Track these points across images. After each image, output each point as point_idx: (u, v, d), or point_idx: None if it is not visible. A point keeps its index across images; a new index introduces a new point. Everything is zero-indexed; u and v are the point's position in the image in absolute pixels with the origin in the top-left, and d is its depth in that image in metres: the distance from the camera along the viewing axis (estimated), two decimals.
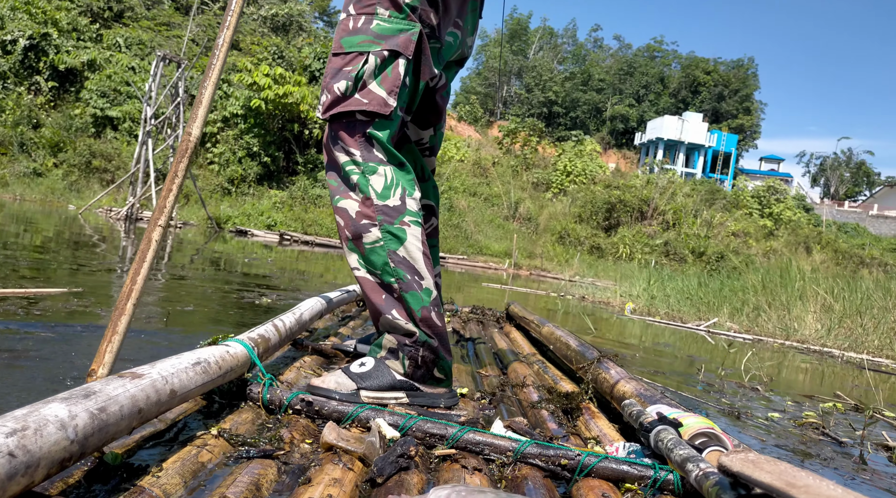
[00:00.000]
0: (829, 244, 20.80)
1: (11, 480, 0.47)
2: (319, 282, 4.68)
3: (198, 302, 2.64)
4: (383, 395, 1.01)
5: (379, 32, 1.02)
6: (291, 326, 1.29)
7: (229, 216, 13.41)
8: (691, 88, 36.14)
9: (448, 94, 1.27)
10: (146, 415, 0.67)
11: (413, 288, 1.01)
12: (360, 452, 0.77)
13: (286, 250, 9.23)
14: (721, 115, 35.21)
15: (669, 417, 0.89)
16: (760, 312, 5.17)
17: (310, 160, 16.96)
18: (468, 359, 1.73)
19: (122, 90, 17.43)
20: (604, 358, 1.33)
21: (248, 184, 16.35)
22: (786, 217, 22.27)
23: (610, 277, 11.88)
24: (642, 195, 19.46)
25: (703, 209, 20.03)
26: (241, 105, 16.22)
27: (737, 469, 0.62)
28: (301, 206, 14.95)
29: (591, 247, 17.38)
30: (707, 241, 17.84)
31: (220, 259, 5.82)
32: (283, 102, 15.52)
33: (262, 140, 16.45)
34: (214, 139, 16.92)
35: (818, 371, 3.23)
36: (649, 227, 18.61)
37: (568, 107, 34.81)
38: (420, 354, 1.01)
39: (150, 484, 0.61)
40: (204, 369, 0.81)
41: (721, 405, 1.86)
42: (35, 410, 0.53)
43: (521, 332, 2.35)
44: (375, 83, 1.01)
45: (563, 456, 0.81)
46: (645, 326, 4.68)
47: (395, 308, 1.02)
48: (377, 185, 1.02)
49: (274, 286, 3.79)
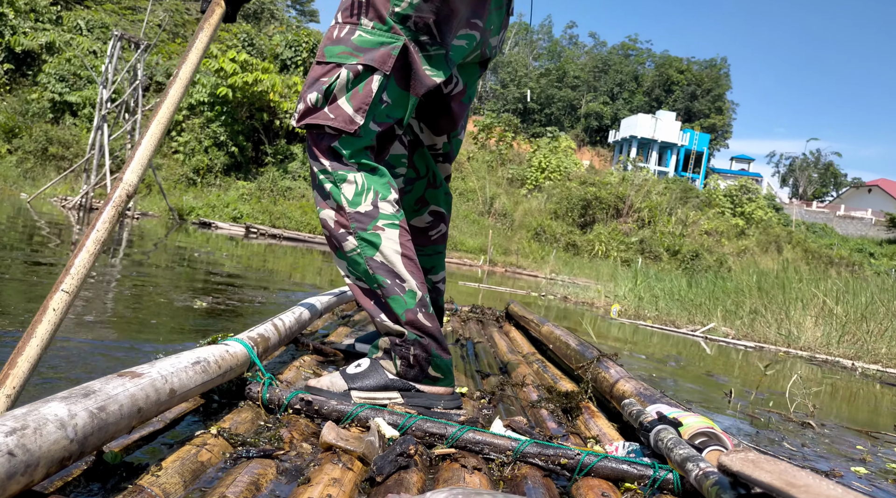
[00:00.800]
0: (800, 244, 21.22)
1: (11, 479, 0.47)
2: (286, 283, 4.20)
3: (120, 306, 2.20)
4: (375, 395, 1.01)
5: (358, 44, 0.99)
6: (291, 326, 1.28)
7: (192, 207, 12.94)
8: (665, 87, 36.52)
9: (469, 100, 1.23)
10: (146, 414, 0.66)
11: (395, 292, 0.99)
12: (359, 452, 0.77)
13: (252, 244, 8.86)
14: (694, 114, 35.69)
15: (669, 417, 0.90)
16: (758, 316, 4.88)
17: (279, 151, 16.52)
18: (468, 358, 1.73)
19: (83, 75, 16.69)
20: (603, 357, 1.34)
21: (215, 174, 15.87)
22: (757, 216, 22.53)
23: (586, 275, 11.74)
24: (618, 192, 19.45)
25: (677, 208, 20.16)
26: (208, 92, 15.62)
27: (737, 468, 0.63)
28: (269, 198, 14.60)
29: (566, 244, 17.31)
30: (682, 240, 18.02)
31: (176, 253, 5.32)
32: (251, 90, 15.08)
33: (229, 129, 15.96)
34: (179, 127, 16.26)
35: (847, 389, 2.88)
36: (625, 224, 18.67)
37: (543, 103, 34.93)
38: (411, 352, 1.00)
39: (149, 483, 0.61)
40: (203, 369, 0.79)
41: (788, 451, 1.47)
42: (34, 409, 0.53)
43: (520, 331, 2.36)
44: (345, 99, 0.99)
45: (562, 455, 0.82)
46: (634, 331, 4.42)
47: (383, 312, 1.02)
48: (348, 193, 1.01)
49: (221, 288, 3.22)
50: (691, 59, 37.35)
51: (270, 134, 16.61)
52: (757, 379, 2.62)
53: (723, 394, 2.19)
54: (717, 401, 2.07)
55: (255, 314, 2.49)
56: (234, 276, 4.05)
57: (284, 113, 15.90)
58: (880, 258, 24.01)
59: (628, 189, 19.66)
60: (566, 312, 5.48)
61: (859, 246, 25.85)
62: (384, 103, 1.01)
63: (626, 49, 39.50)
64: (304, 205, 14.74)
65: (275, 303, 2.95)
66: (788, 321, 4.64)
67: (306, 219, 13.91)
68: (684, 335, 4.49)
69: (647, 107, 35.47)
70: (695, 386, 2.35)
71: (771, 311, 4.91)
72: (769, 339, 4.48)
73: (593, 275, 11.79)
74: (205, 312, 2.33)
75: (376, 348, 1.07)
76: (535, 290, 8.00)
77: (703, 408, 1.89)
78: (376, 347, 1.07)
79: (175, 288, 2.95)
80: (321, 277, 5.28)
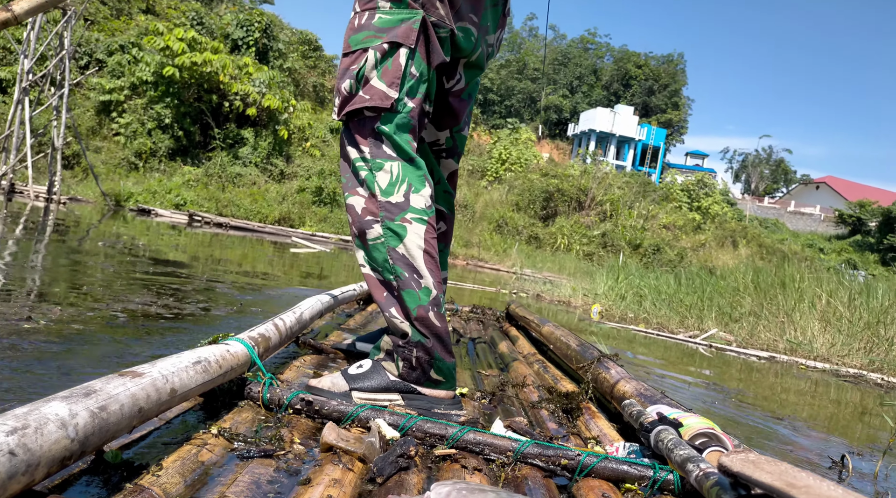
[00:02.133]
0: (755, 239, 21.15)
1: (12, 478, 0.47)
2: (237, 282, 3.42)
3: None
4: (376, 396, 1.01)
5: (380, 26, 1.02)
6: (291, 325, 1.28)
7: (131, 193, 11.98)
8: (623, 81, 36.40)
9: (469, 96, 1.25)
10: (147, 414, 0.66)
11: (410, 286, 1.00)
12: (359, 453, 0.77)
13: (195, 233, 8.03)
14: (651, 109, 35.65)
15: (670, 418, 0.90)
16: (758, 320, 4.42)
17: (229, 135, 15.31)
18: (468, 358, 1.74)
19: (13, 49, 15.24)
20: (604, 358, 1.34)
21: (159, 159, 14.51)
22: (714, 211, 22.53)
23: (549, 269, 11.27)
24: (580, 185, 19.09)
25: (637, 201, 19.95)
26: (152, 71, 14.22)
27: (737, 469, 0.63)
28: (217, 185, 13.50)
29: (529, 236, 16.85)
30: (643, 234, 17.78)
31: (107, 243, 4.53)
32: (199, 71, 13.82)
33: (175, 111, 14.51)
34: (121, 108, 14.78)
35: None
36: (587, 217, 18.33)
37: (503, 95, 34.76)
38: (414, 354, 0.99)
39: (150, 483, 0.61)
40: (204, 368, 0.80)
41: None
42: (35, 409, 0.53)
43: (521, 331, 2.36)
44: (376, 77, 1.01)
45: (563, 456, 0.81)
46: (631, 338, 3.96)
47: (394, 306, 1.02)
48: (382, 182, 1.02)
49: (160, 286, 2.62)
50: (649, 54, 37.30)
51: (220, 117, 15.36)
52: (846, 420, 1.96)
53: (831, 461, 1.53)
54: (815, 452, 1.56)
55: (202, 329, 1.90)
56: (174, 272, 3.44)
57: (234, 95, 14.61)
58: (829, 253, 24.39)
59: (590, 182, 19.34)
60: (541, 312, 4.78)
61: (810, 241, 26.28)
62: (413, 77, 1.03)
63: (586, 42, 39.41)
64: (254, 193, 13.79)
65: (227, 310, 2.37)
66: (793, 326, 4.23)
67: (256, 207, 13.00)
68: (681, 342, 4.06)
69: (606, 101, 35.39)
70: (756, 421, 1.86)
71: (770, 313, 4.47)
72: (775, 346, 4.11)
73: (556, 268, 11.44)
74: (45, 330, 1.53)
75: (378, 349, 1.07)
76: (502, 286, 7.26)
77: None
78: (378, 348, 1.07)
79: (103, 289, 2.33)
80: (273, 266, 4.93)
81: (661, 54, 38.03)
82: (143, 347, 1.56)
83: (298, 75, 19.08)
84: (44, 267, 2.96)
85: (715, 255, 18.23)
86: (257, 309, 2.56)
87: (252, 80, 14.65)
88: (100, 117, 14.95)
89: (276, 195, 13.97)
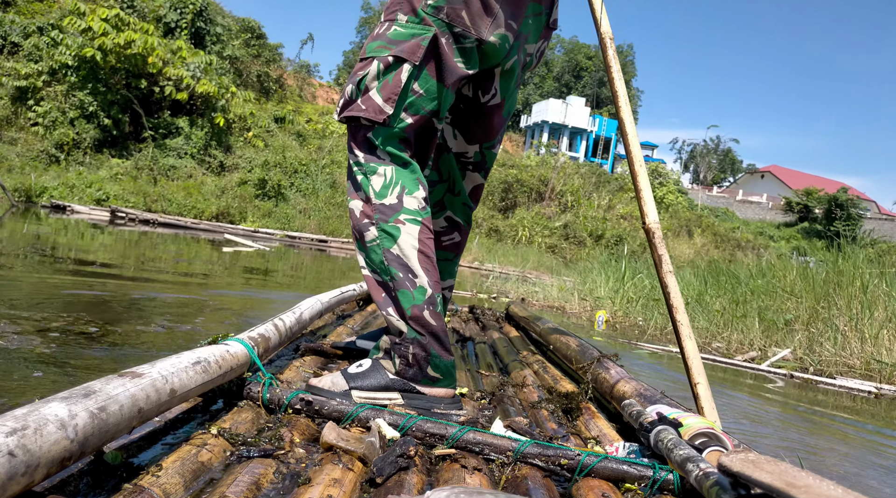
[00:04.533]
0: (709, 228, 21.14)
1: (11, 479, 0.47)
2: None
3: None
4: (375, 395, 1.01)
5: (392, 38, 1.03)
6: (291, 326, 1.28)
7: (45, 188, 10.86)
8: (574, 73, 36.63)
9: (508, 114, 1.24)
10: (146, 414, 0.66)
11: (405, 286, 1.01)
12: (359, 452, 0.77)
13: (116, 231, 7.10)
14: (602, 100, 35.90)
15: (669, 417, 0.90)
16: (815, 333, 3.36)
17: (162, 125, 13.92)
18: (468, 359, 1.74)
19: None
20: (604, 358, 1.35)
21: (83, 151, 13.18)
22: (668, 200, 22.52)
23: (511, 262, 10.64)
24: (539, 175, 18.69)
25: (594, 192, 19.74)
26: (73, 54, 12.90)
27: (737, 469, 0.63)
28: (148, 178, 12.53)
29: (489, 229, 16.32)
30: (605, 224, 17.51)
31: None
32: (125, 53, 12.66)
33: (100, 98, 13.18)
34: (39, 95, 13.35)
35: None
36: (547, 208, 17.92)
37: None
38: (410, 351, 1.00)
39: (149, 483, 0.61)
40: (204, 369, 0.80)
41: None
42: (35, 410, 0.53)
43: (520, 332, 2.36)
44: (375, 90, 1.02)
45: (562, 456, 0.82)
46: (668, 359, 3.05)
47: (391, 306, 1.03)
48: (376, 185, 1.04)
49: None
50: (599, 45, 37.39)
51: (149, 105, 13.93)
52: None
53: None
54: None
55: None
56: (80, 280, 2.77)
57: (167, 80, 13.35)
58: (779, 241, 24.51)
59: (550, 172, 18.99)
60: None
61: (760, 229, 26.39)
62: (416, 94, 1.03)
63: None
64: (189, 186, 12.70)
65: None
66: (870, 341, 3.14)
67: (191, 202, 11.93)
68: (743, 369, 3.08)
69: (558, 92, 35.58)
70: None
71: (825, 323, 3.36)
72: (852, 366, 3.11)
73: (519, 262, 10.83)
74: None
75: (377, 349, 1.08)
76: (477, 287, 6.20)
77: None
78: (377, 347, 1.08)
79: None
80: (196, 268, 4.09)
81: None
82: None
83: (241, 64, 17.94)
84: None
85: (672, 244, 18.08)
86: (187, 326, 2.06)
87: (186, 65, 13.48)
88: (15, 106, 13.41)
89: (213, 188, 12.90)
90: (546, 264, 10.91)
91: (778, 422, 2.09)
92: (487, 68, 1.13)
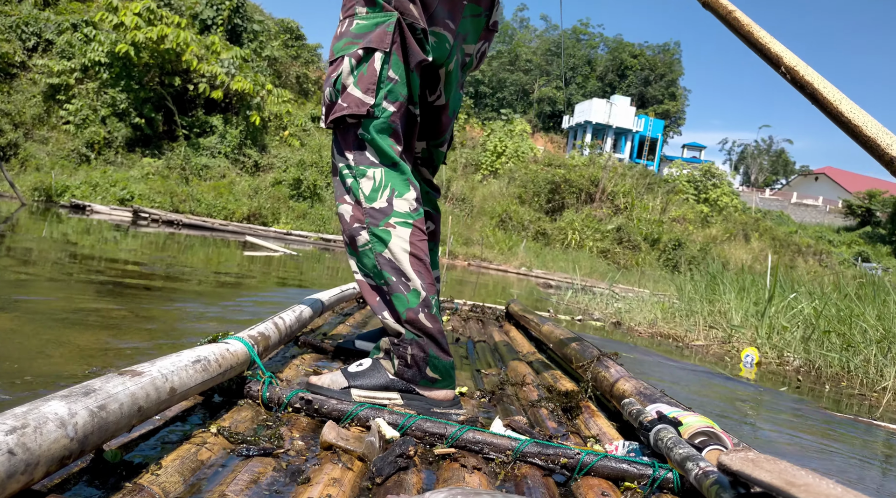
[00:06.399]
0: (767, 232, 20.14)
1: (11, 477, 0.47)
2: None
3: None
4: (375, 394, 1.01)
5: (357, 32, 1.03)
6: (291, 324, 1.28)
7: (66, 186, 10.43)
8: (618, 72, 35.87)
9: (454, 114, 1.25)
10: (146, 413, 0.66)
11: (398, 290, 1.01)
12: (359, 452, 0.77)
13: (135, 234, 6.43)
14: (647, 100, 35.16)
15: (669, 416, 0.90)
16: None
17: (195, 123, 13.60)
18: (468, 357, 1.73)
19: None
20: (603, 356, 1.35)
21: (115, 150, 12.87)
22: (723, 203, 21.58)
23: (560, 268, 9.97)
24: (589, 175, 17.66)
25: (646, 194, 18.83)
26: (106, 51, 12.50)
27: (736, 468, 0.63)
28: (178, 178, 12.12)
29: (536, 232, 15.37)
30: (661, 228, 16.59)
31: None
32: (158, 49, 12.27)
33: (133, 96, 12.86)
34: (70, 93, 13.09)
35: None
36: (598, 210, 17.02)
37: (495, 87, 34.27)
38: (409, 352, 1.00)
39: (149, 482, 0.61)
40: (204, 367, 0.79)
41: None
42: (35, 408, 0.52)
43: (520, 330, 2.36)
44: (352, 84, 1.02)
45: (562, 455, 0.82)
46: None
47: (386, 310, 1.03)
48: (366, 189, 1.03)
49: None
50: (644, 44, 36.69)
51: (183, 102, 13.59)
52: None
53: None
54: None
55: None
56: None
57: (201, 77, 12.91)
58: (839, 246, 23.66)
59: (599, 172, 17.93)
60: (642, 364, 2.64)
61: (818, 233, 25.35)
62: (392, 81, 1.03)
63: (578, 33, 38.79)
64: (219, 185, 12.21)
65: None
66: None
67: (221, 202, 11.37)
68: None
69: (601, 92, 34.85)
70: None
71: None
72: None
73: (570, 268, 10.06)
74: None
75: (378, 349, 1.08)
76: (536, 298, 5.12)
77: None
78: (378, 348, 1.08)
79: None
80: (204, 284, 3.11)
81: (657, 44, 37.62)
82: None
83: (280, 65, 17.83)
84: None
85: (728, 249, 17.03)
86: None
87: (221, 61, 13.17)
88: (47, 104, 13.23)
89: (246, 188, 12.52)
90: (599, 270, 10.05)
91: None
92: (436, 67, 1.14)
